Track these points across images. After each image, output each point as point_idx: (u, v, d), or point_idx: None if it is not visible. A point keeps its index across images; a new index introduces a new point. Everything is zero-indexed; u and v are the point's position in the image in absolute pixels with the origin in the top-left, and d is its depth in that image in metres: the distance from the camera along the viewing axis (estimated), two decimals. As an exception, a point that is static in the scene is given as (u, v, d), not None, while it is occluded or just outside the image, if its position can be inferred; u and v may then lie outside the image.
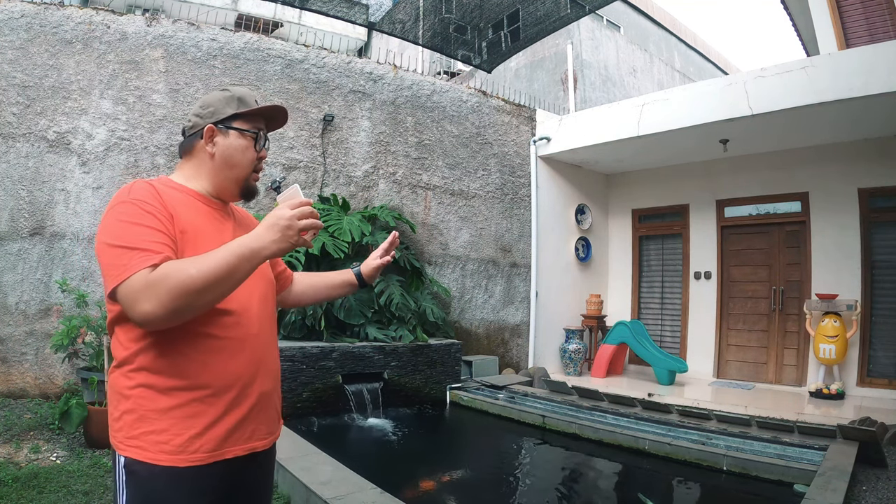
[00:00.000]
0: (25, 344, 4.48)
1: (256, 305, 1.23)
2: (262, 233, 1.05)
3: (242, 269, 1.02)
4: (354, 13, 6.01)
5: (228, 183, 1.27)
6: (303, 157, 5.75)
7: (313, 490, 2.73)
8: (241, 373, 1.16)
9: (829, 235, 6.12)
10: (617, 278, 8.11)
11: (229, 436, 1.13)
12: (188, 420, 1.09)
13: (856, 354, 5.74)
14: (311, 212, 1.08)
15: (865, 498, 3.12)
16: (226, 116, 1.25)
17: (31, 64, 4.65)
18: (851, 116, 5.14)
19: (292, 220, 1.05)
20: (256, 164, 1.29)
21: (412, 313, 5.61)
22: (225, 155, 1.25)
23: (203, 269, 0.98)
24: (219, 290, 1.01)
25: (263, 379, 1.22)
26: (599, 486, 3.85)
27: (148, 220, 1.07)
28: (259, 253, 1.03)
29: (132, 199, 1.10)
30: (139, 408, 1.09)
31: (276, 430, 1.30)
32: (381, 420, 4.86)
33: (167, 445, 1.07)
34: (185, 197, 1.21)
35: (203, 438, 1.09)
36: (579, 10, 5.97)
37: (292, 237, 1.05)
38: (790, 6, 8.55)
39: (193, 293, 0.97)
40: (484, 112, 7.07)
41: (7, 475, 2.96)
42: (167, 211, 1.11)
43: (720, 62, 17.16)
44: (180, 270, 0.98)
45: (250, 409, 1.17)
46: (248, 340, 1.18)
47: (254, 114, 1.28)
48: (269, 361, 1.25)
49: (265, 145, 1.31)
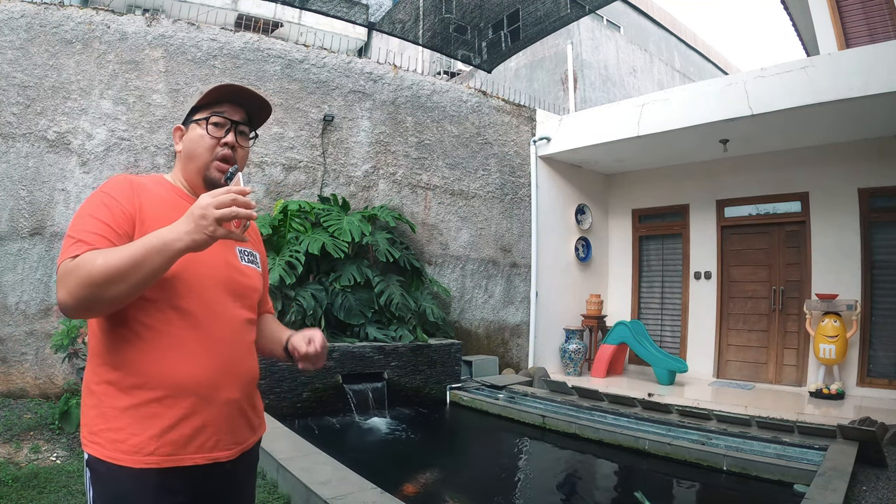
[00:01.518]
0: (25, 344, 4.48)
1: (229, 308, 1.19)
2: (178, 223, 0.99)
3: (152, 261, 0.97)
4: (354, 13, 6.01)
5: (193, 175, 1.24)
6: (303, 157, 5.75)
7: (313, 490, 2.73)
8: (200, 376, 1.11)
9: (829, 235, 6.12)
10: (617, 278, 8.11)
11: (188, 442, 1.09)
12: (145, 421, 1.06)
13: (856, 354, 5.74)
14: (233, 199, 0.98)
15: (865, 498, 3.11)
16: (188, 113, 1.26)
17: (31, 64, 4.64)
18: (851, 116, 5.14)
19: (207, 208, 0.97)
20: (218, 151, 1.22)
21: (412, 313, 5.62)
22: (186, 148, 1.24)
23: (109, 261, 0.95)
24: (127, 283, 0.96)
25: (231, 386, 1.16)
26: (599, 485, 3.85)
27: (101, 212, 1.07)
28: (171, 245, 0.97)
29: (100, 191, 1.12)
30: (101, 404, 1.08)
31: (247, 440, 1.24)
32: (381, 420, 4.86)
33: (123, 444, 1.05)
34: (168, 194, 1.21)
35: (159, 441, 1.06)
36: (579, 10, 5.97)
37: (207, 227, 0.97)
38: (790, 6, 8.55)
39: (97, 284, 0.95)
40: (484, 112, 7.07)
41: (7, 475, 2.96)
42: (130, 204, 1.10)
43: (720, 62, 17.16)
44: (89, 261, 0.96)
45: (212, 416, 1.12)
46: (210, 343, 1.13)
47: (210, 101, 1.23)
48: (240, 368, 1.20)
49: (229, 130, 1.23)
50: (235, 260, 1.27)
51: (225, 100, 1.24)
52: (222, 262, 1.22)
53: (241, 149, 1.27)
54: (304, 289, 5.09)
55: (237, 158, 1.25)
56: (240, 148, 1.26)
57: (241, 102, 1.27)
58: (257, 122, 1.32)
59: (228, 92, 1.24)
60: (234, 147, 1.24)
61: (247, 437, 1.23)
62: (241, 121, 1.26)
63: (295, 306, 4.92)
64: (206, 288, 1.16)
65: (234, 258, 1.27)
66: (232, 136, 1.24)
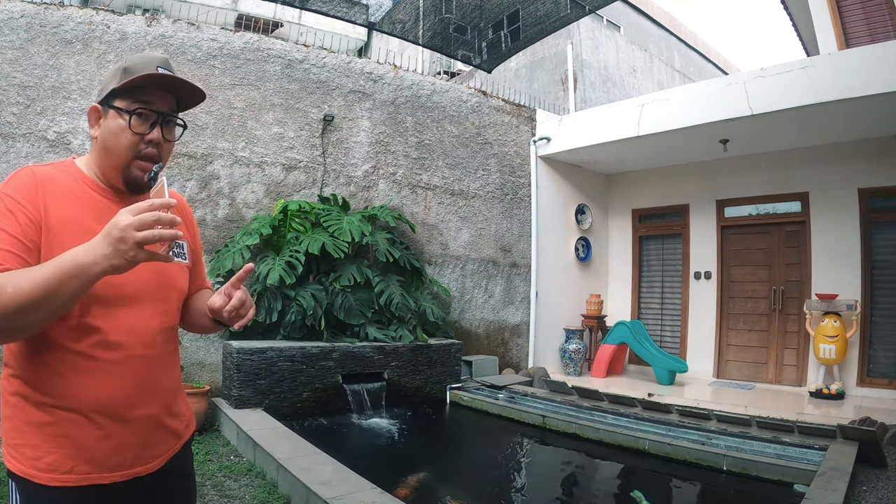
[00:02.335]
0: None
1: (142, 322, 1.09)
2: (95, 245, 0.87)
3: (68, 287, 0.86)
4: (354, 13, 6.01)
5: (109, 171, 1.09)
6: (303, 157, 5.75)
7: (313, 490, 2.73)
8: (113, 396, 1.04)
9: (829, 235, 6.12)
10: (617, 278, 8.11)
11: (105, 461, 1.04)
12: (60, 439, 1.01)
13: (856, 354, 5.74)
14: (156, 218, 0.86)
15: (865, 498, 3.11)
16: (108, 93, 1.07)
17: (31, 64, 4.64)
18: (851, 116, 5.14)
19: (126, 230, 0.84)
20: (140, 148, 1.07)
21: (412, 313, 5.61)
22: (104, 139, 1.08)
23: (19, 289, 0.84)
24: (42, 312, 0.87)
25: (147, 402, 1.10)
26: (599, 486, 3.85)
27: (6, 220, 0.95)
28: (88, 270, 0.86)
29: (2, 192, 0.99)
30: (15, 417, 1.03)
31: (170, 448, 1.18)
32: (381, 420, 4.85)
33: (39, 462, 1.00)
34: (77, 185, 1.08)
35: (76, 460, 1.01)
36: (579, 10, 5.97)
37: (126, 252, 0.85)
38: (790, 6, 8.55)
39: (8, 317, 0.85)
40: (484, 112, 7.07)
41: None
42: (35, 209, 0.98)
43: (720, 62, 17.16)
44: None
45: (129, 435, 1.07)
46: (125, 362, 1.06)
47: (135, 87, 1.05)
48: (156, 383, 1.13)
49: (155, 125, 1.08)
50: (155, 263, 1.13)
51: (153, 83, 1.08)
52: (143, 270, 1.03)
53: (168, 143, 1.12)
54: (304, 289, 5.09)
55: (162, 154, 1.10)
56: (166, 143, 1.11)
57: (172, 87, 1.11)
58: (187, 106, 1.16)
59: (150, 78, 1.07)
60: (160, 143, 1.09)
61: (170, 447, 1.18)
62: (169, 111, 1.11)
63: (295, 306, 4.93)
64: (124, 304, 1.06)
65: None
66: (158, 131, 1.09)
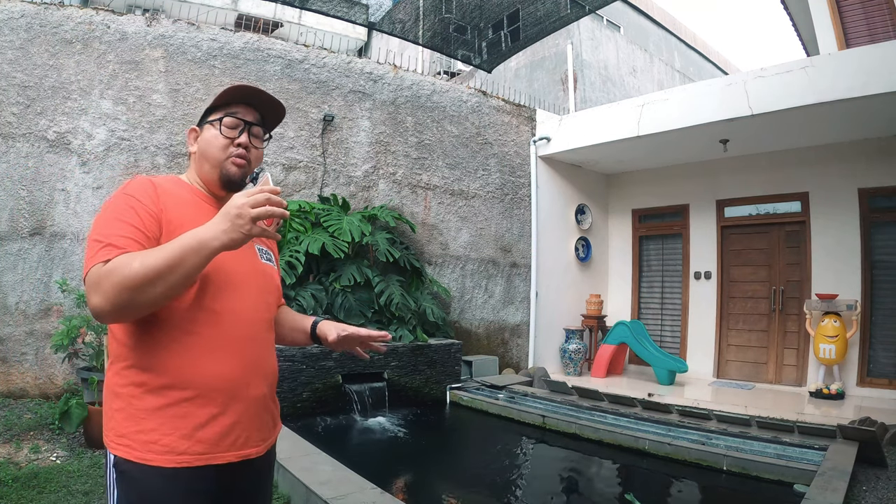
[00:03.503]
0: (25, 344, 4.48)
1: (250, 308, 1.21)
2: (214, 223, 1.00)
3: (190, 261, 0.98)
4: (354, 13, 6.01)
5: (208, 175, 1.26)
6: (303, 157, 5.75)
7: (313, 490, 2.73)
8: (230, 374, 1.14)
9: (829, 235, 6.12)
10: (617, 278, 8.11)
11: (220, 440, 1.11)
12: (177, 420, 1.07)
13: (856, 354, 5.74)
14: (267, 198, 1.00)
15: (865, 498, 3.11)
16: (203, 115, 1.29)
17: (31, 64, 4.64)
18: (851, 116, 5.14)
19: (243, 207, 0.99)
20: (231, 150, 1.24)
21: (412, 313, 5.61)
22: (201, 149, 1.26)
23: (146, 263, 0.95)
24: (165, 284, 0.97)
25: (257, 383, 1.20)
26: (599, 486, 3.85)
27: (128, 214, 1.07)
28: (207, 244, 0.98)
29: (123, 193, 1.12)
30: (129, 406, 1.08)
31: (272, 435, 1.28)
32: (381, 420, 4.86)
33: (156, 445, 1.06)
34: (187, 194, 1.23)
35: (192, 440, 1.08)
36: (579, 10, 5.97)
37: (243, 226, 0.99)
38: (790, 6, 8.55)
39: (135, 287, 0.95)
40: (484, 112, 7.07)
41: (7, 475, 2.96)
42: (156, 206, 1.11)
43: (720, 62, 17.15)
44: (125, 265, 0.96)
45: (242, 413, 1.15)
46: (238, 342, 1.16)
47: (223, 103, 1.26)
48: (263, 365, 1.23)
49: (242, 131, 1.26)
50: (257, 260, 1.30)
51: (238, 101, 1.26)
52: (247, 263, 1.25)
53: (255, 149, 1.28)
54: (304, 289, 5.09)
55: (251, 159, 1.27)
56: (253, 149, 1.28)
57: (254, 104, 1.28)
58: (270, 123, 1.33)
59: (242, 94, 1.26)
60: (248, 147, 1.26)
61: (271, 433, 1.28)
62: (254, 122, 1.27)
63: (295, 306, 4.92)
64: (234, 290, 1.18)
65: (256, 258, 1.30)
66: (245, 136, 1.25)
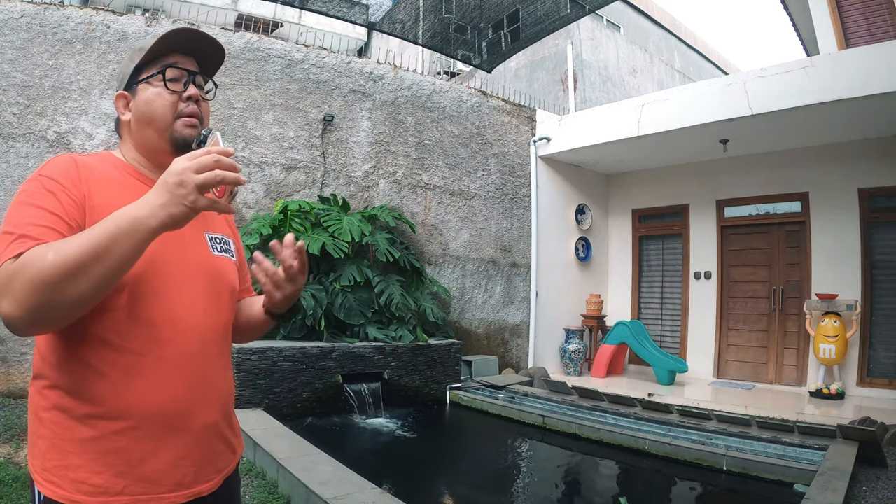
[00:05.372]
0: (25, 344, 4.48)
1: (198, 315, 1.00)
2: (149, 196, 0.80)
3: (120, 246, 0.77)
4: (354, 13, 6.02)
5: (153, 141, 1.04)
6: (303, 157, 5.75)
7: (313, 490, 2.73)
8: (171, 401, 0.93)
9: (829, 235, 6.12)
10: (617, 278, 8.11)
11: (162, 478, 0.92)
12: (109, 456, 0.88)
13: (856, 354, 5.73)
14: (216, 160, 0.80)
15: (865, 498, 3.11)
16: (130, 75, 1.05)
17: (31, 64, 4.64)
18: (851, 116, 5.14)
19: (185, 173, 0.78)
20: (181, 107, 1.03)
21: (412, 313, 5.61)
22: (140, 112, 1.03)
23: (64, 253, 0.75)
24: (90, 279, 0.76)
25: (207, 408, 0.99)
26: (599, 486, 3.85)
27: (45, 199, 0.87)
28: (142, 223, 0.78)
29: (40, 175, 0.91)
30: (54, 436, 0.89)
31: (228, 465, 1.07)
32: (381, 420, 4.86)
33: (84, 485, 0.87)
34: (118, 173, 1.02)
35: (128, 479, 0.89)
36: (579, 10, 5.97)
37: (186, 197, 0.78)
38: (790, 6, 8.55)
39: (52, 285, 0.74)
40: (484, 112, 7.07)
41: (7, 475, 2.96)
42: (77, 190, 0.91)
43: (720, 62, 17.15)
44: (38, 258, 0.76)
45: (189, 446, 0.96)
46: (181, 360, 0.95)
47: (158, 53, 1.04)
48: (214, 385, 1.02)
49: (188, 83, 1.05)
50: (207, 252, 1.07)
51: (174, 49, 1.05)
52: (194, 257, 1.03)
53: (205, 101, 1.09)
54: (304, 289, 5.07)
55: (202, 113, 1.07)
56: (203, 101, 1.08)
57: (191, 51, 1.07)
58: (211, 69, 1.13)
59: (180, 39, 1.04)
60: (198, 100, 1.06)
61: (228, 462, 1.07)
62: (197, 71, 1.08)
63: (295, 306, 4.92)
64: (175, 293, 0.97)
65: (206, 250, 1.07)
66: (193, 87, 1.05)
